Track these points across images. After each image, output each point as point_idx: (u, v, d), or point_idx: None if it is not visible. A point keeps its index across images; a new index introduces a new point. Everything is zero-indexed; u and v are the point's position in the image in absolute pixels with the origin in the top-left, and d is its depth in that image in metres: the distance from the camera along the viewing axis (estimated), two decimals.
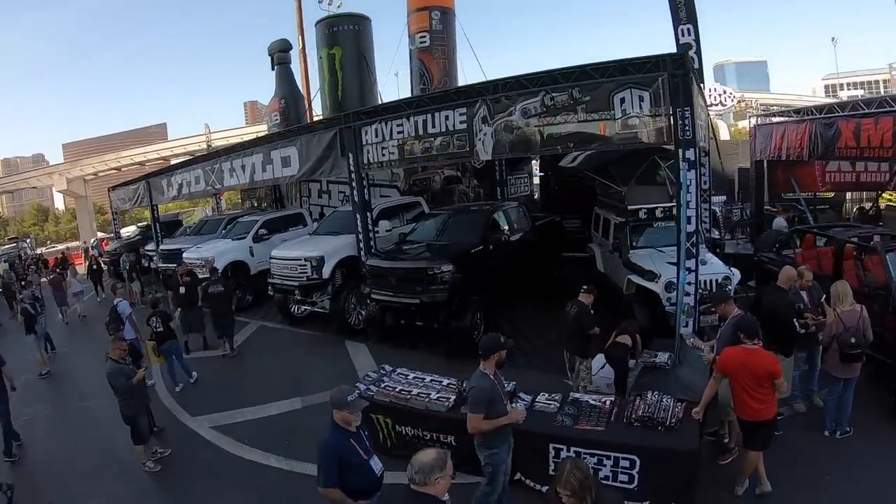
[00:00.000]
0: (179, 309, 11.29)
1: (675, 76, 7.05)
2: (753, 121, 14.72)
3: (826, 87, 51.31)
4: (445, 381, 6.73)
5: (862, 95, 41.13)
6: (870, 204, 15.73)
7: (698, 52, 12.01)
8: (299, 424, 7.70)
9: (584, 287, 7.71)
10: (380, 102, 16.84)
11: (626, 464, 5.21)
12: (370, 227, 10.99)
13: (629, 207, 9.99)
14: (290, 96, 21.77)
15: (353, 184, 10.85)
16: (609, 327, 7.77)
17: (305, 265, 11.05)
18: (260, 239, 14.45)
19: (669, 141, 7.18)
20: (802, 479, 5.51)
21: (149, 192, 17.91)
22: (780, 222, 12.34)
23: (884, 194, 15.04)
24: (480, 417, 4.56)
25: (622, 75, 7.46)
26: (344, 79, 18.75)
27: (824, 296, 6.77)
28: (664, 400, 5.57)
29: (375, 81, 19.49)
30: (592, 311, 7.45)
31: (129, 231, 27.62)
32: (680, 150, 7.14)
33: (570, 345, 7.54)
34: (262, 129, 32.39)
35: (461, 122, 9.04)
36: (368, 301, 10.73)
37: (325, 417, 7.75)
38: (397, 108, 10.05)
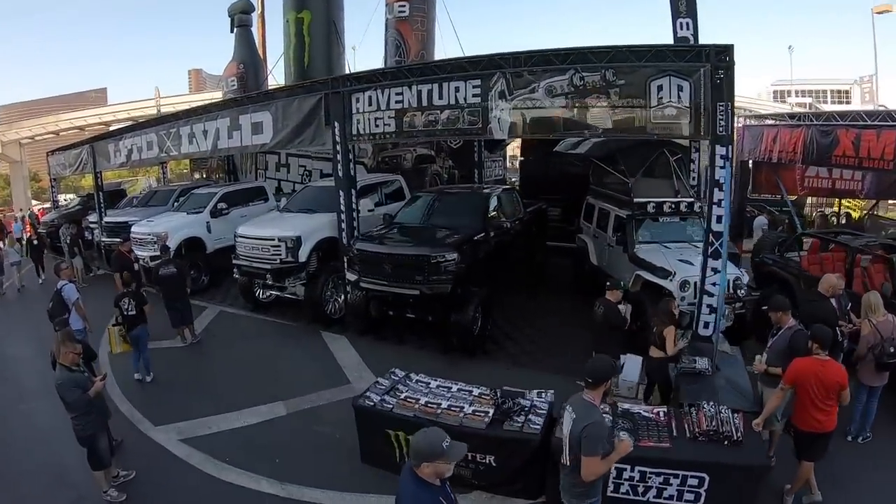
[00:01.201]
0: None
1: (718, 68, 6.50)
2: (741, 121, 14.53)
3: (774, 92, 53.77)
4: (476, 391, 5.65)
5: (810, 104, 43.39)
6: (829, 210, 16.06)
7: None
8: (287, 437, 6.42)
9: (609, 283, 6.93)
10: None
11: (695, 482, 4.68)
12: (354, 207, 9.64)
13: (635, 200, 9.21)
14: (249, 61, 19.53)
15: (339, 156, 9.42)
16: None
17: (279, 246, 9.51)
18: (218, 214, 12.62)
19: (706, 135, 6.68)
20: (828, 481, 5.21)
21: (93, 157, 15.37)
22: (761, 221, 12.14)
23: (844, 201, 15.35)
24: (599, 459, 3.56)
25: (658, 61, 6.85)
26: (311, 45, 16.89)
27: (850, 304, 6.64)
28: (722, 411, 5.00)
29: (344, 50, 17.78)
30: (621, 307, 6.68)
31: (66, 199, 24.39)
32: (715, 146, 6.66)
33: (598, 347, 6.66)
34: (210, 97, 29.58)
35: (474, 96, 7.94)
36: (348, 289, 9.47)
37: (316, 428, 6.57)
38: (397, 75, 8.72)
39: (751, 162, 14.62)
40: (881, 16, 24.56)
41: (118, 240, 12.52)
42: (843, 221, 14.32)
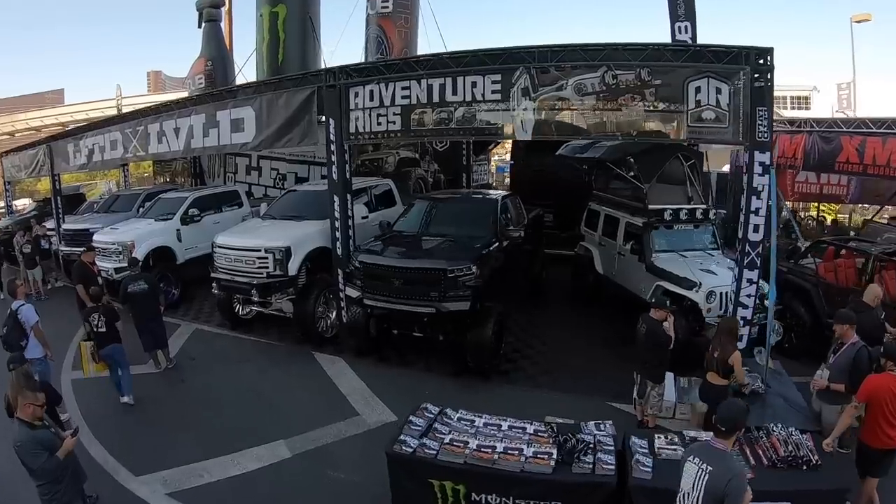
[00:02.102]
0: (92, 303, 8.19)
1: (758, 71, 6.16)
2: None
3: None
4: (530, 428, 4.80)
5: None
6: (805, 214, 16.07)
7: None
8: (296, 486, 5.37)
9: (654, 300, 6.34)
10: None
11: None
12: (351, 214, 8.63)
13: (651, 207, 8.60)
14: (218, 58, 18.00)
15: (334, 157, 8.38)
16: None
17: (266, 258, 8.35)
18: (189, 220, 11.22)
19: (745, 141, 6.32)
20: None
21: (50, 158, 13.62)
22: None
23: (822, 206, 15.37)
24: None
25: (694, 61, 6.43)
26: (286, 42, 15.65)
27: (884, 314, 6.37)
28: (793, 434, 4.55)
29: (320, 48, 16.60)
30: (667, 326, 6.00)
31: (22, 204, 21.99)
32: (754, 153, 6.32)
33: (643, 368, 6.06)
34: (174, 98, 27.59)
35: (493, 92, 7.14)
36: (342, 305, 8.48)
37: (330, 473, 5.36)
38: (404, 67, 7.79)
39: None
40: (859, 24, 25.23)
41: (78, 249, 11.06)
42: (829, 225, 14.32)
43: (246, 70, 18.11)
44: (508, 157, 19.37)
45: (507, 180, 21.89)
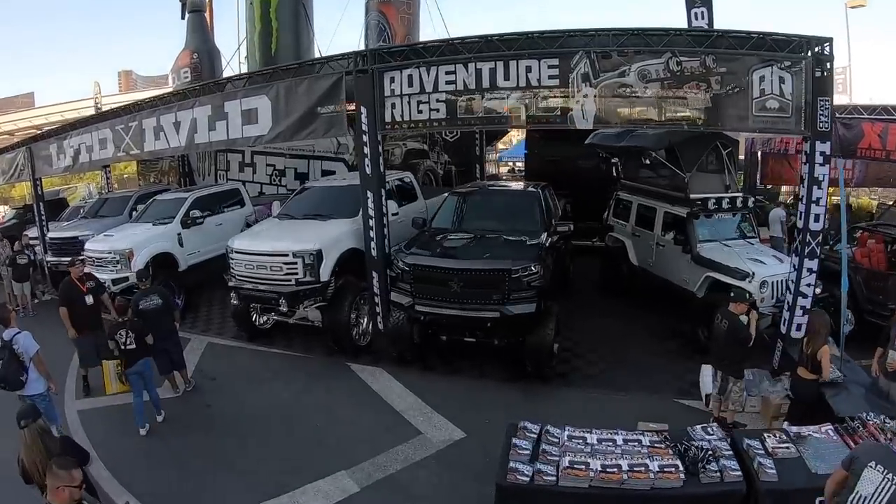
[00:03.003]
0: (75, 331, 6.99)
1: (819, 60, 5.87)
2: None
3: None
4: (645, 440, 4.20)
5: None
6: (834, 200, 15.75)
7: None
8: None
9: (732, 293, 5.73)
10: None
11: None
12: (386, 211, 7.61)
13: (692, 197, 8.00)
14: (204, 50, 16.45)
15: (367, 150, 7.37)
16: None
17: (295, 263, 7.27)
18: (191, 223, 9.98)
19: (806, 131, 5.99)
20: None
21: (31, 161, 11.90)
22: (778, 213, 11.37)
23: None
24: None
25: (757, 50, 6.05)
26: (279, 31, 14.28)
27: None
28: (888, 422, 4.32)
29: (314, 36, 15.27)
30: (747, 319, 5.54)
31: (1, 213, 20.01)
32: (815, 143, 5.99)
33: (723, 364, 5.64)
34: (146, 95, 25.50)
35: (551, 77, 6.38)
36: (377, 311, 7.51)
37: None
38: (446, 51, 6.85)
39: (759, 153, 14.03)
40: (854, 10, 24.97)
41: (66, 259, 9.70)
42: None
43: (234, 63, 16.64)
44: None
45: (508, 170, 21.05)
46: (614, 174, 10.54)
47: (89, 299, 7.09)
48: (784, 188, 16.18)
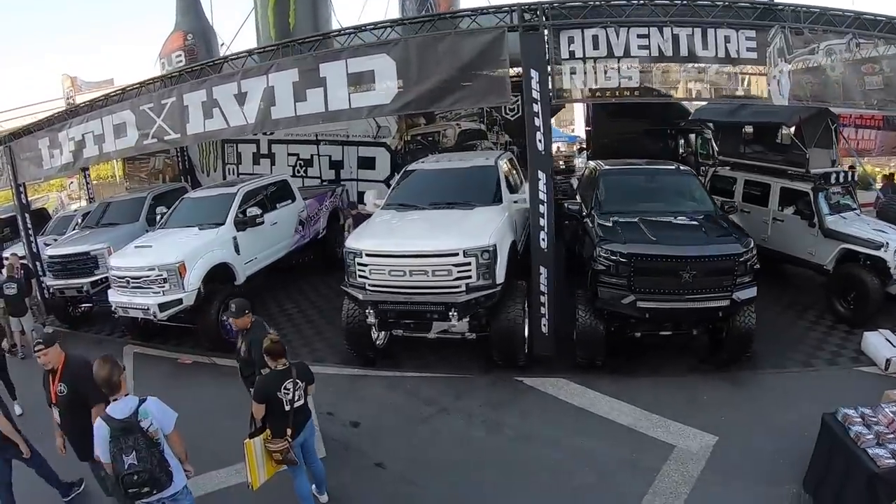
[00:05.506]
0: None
1: None
2: None
3: None
4: None
5: None
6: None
7: None
8: None
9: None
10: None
11: None
12: (548, 194, 5.73)
13: (812, 172, 7.39)
14: (199, 29, 12.96)
15: (538, 122, 5.47)
16: None
17: (468, 263, 5.24)
18: (249, 223, 7.29)
19: None
20: None
21: (12, 163, 8.23)
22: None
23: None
24: None
25: None
26: (297, 3, 11.32)
27: None
28: None
29: (333, 12, 12.45)
30: None
31: None
32: None
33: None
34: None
35: (749, 50, 5.48)
36: (543, 313, 5.69)
37: None
38: (641, 11, 5.36)
39: None
40: None
41: (76, 281, 6.59)
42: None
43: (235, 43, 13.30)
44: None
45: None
46: (681, 151, 9.59)
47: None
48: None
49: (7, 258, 7.31)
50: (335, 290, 8.91)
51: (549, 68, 5.39)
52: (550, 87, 5.43)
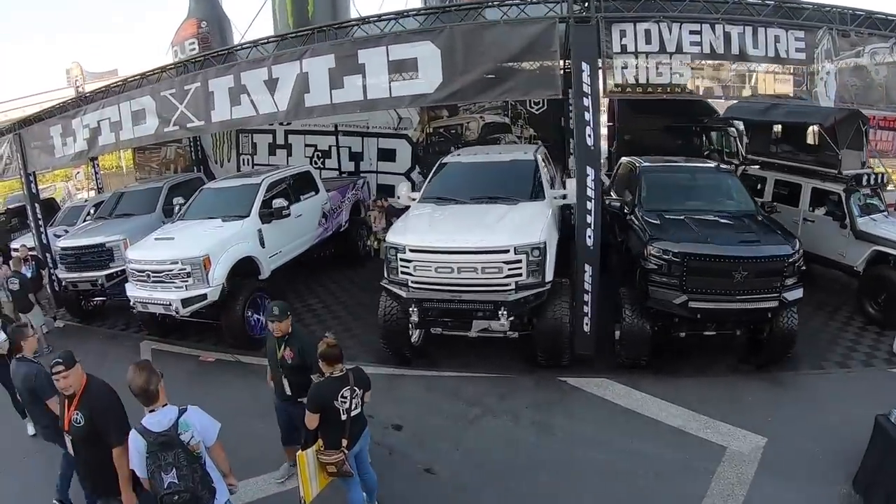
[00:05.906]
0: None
1: None
2: None
3: None
4: None
5: None
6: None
7: None
8: None
9: None
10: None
11: None
12: (596, 191, 5.57)
13: (844, 173, 7.32)
14: (213, 17, 12.40)
15: (588, 116, 5.29)
16: None
17: (518, 261, 5.05)
18: (275, 215, 6.98)
19: None
20: None
21: (21, 152, 7.72)
22: None
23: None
24: None
25: None
26: None
27: None
28: None
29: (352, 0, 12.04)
30: None
31: None
32: None
33: None
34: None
35: (797, 51, 5.46)
36: (586, 311, 5.55)
37: None
38: (692, 6, 5.26)
39: None
40: None
41: (89, 274, 6.25)
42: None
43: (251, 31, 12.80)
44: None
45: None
46: (704, 148, 9.53)
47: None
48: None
49: (17, 250, 6.92)
50: (357, 284, 8.79)
51: (599, 62, 5.22)
52: (602, 81, 5.29)
